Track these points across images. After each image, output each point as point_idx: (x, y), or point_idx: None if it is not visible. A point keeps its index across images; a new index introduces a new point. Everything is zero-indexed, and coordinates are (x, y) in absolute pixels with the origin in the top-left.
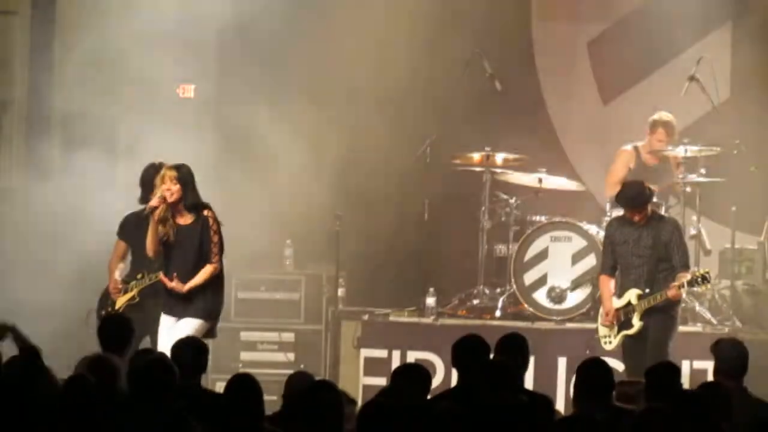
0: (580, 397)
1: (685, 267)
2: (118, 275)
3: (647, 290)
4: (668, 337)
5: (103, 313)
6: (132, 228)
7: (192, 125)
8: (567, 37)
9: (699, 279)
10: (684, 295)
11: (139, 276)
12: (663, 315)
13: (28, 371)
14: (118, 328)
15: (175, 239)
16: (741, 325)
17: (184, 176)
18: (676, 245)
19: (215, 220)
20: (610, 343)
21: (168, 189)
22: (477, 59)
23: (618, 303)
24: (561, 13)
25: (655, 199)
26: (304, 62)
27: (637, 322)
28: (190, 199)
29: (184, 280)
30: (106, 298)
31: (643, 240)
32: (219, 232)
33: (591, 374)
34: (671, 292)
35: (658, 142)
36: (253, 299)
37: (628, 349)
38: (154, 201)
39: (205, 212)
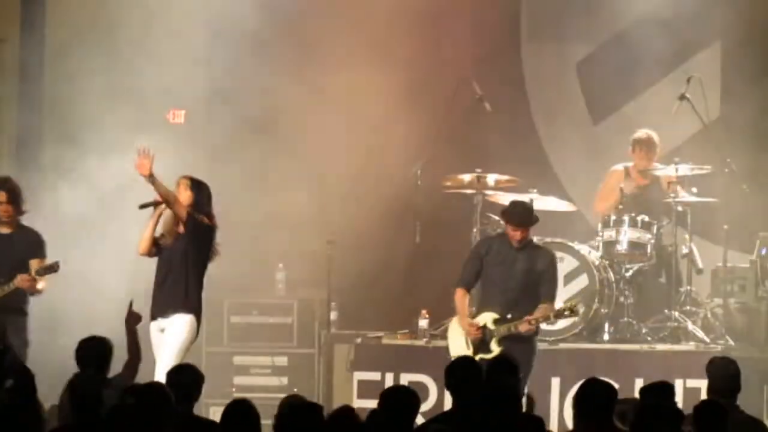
0: (580, 416)
1: (551, 299)
2: None
3: (509, 315)
4: (532, 365)
5: None
6: None
7: (182, 150)
8: (556, 58)
9: (567, 311)
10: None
11: None
12: (524, 344)
13: (22, 397)
14: (96, 348)
15: (170, 247)
16: (734, 343)
17: (198, 188)
18: (549, 276)
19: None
20: None
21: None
22: (466, 81)
23: (472, 322)
24: (550, 34)
25: (647, 219)
26: (295, 88)
27: (496, 348)
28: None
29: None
30: None
31: (518, 263)
32: (207, 220)
33: (592, 394)
34: (523, 327)
35: (640, 161)
36: (246, 324)
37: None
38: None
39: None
